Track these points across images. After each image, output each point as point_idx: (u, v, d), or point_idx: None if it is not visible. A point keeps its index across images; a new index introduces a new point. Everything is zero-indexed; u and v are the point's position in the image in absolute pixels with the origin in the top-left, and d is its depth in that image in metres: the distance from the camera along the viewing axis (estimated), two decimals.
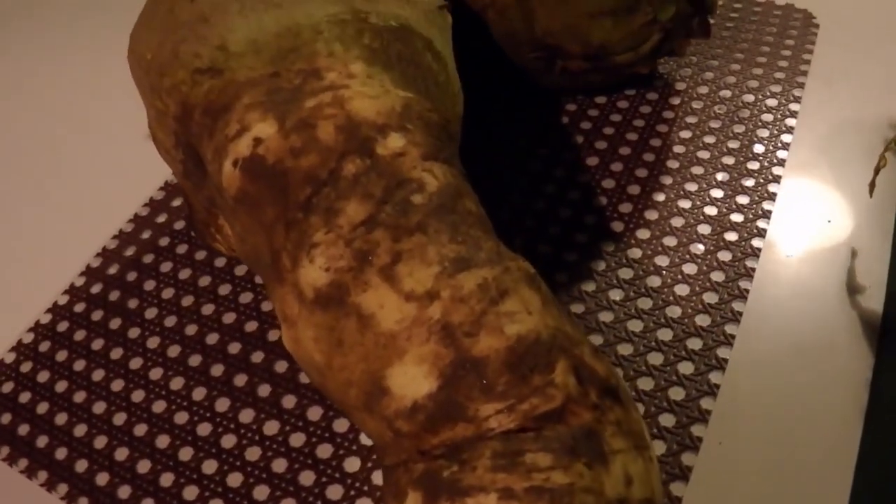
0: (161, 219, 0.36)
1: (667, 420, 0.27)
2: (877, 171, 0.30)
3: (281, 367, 0.30)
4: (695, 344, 0.29)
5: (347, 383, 0.21)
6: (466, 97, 0.32)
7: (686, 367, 0.28)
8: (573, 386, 0.20)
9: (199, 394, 0.30)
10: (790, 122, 0.36)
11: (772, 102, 0.36)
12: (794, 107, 0.36)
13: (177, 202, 0.37)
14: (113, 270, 0.34)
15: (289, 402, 0.29)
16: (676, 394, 0.28)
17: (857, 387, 0.28)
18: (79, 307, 0.33)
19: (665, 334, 0.29)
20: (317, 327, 0.22)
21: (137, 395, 0.30)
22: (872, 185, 0.30)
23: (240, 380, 0.30)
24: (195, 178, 0.28)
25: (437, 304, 0.21)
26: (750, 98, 0.37)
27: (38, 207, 0.38)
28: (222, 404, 0.29)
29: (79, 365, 0.31)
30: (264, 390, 0.30)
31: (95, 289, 0.34)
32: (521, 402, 0.20)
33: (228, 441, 0.28)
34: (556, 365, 0.20)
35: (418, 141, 0.23)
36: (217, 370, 0.30)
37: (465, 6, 0.33)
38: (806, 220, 0.32)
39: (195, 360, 0.31)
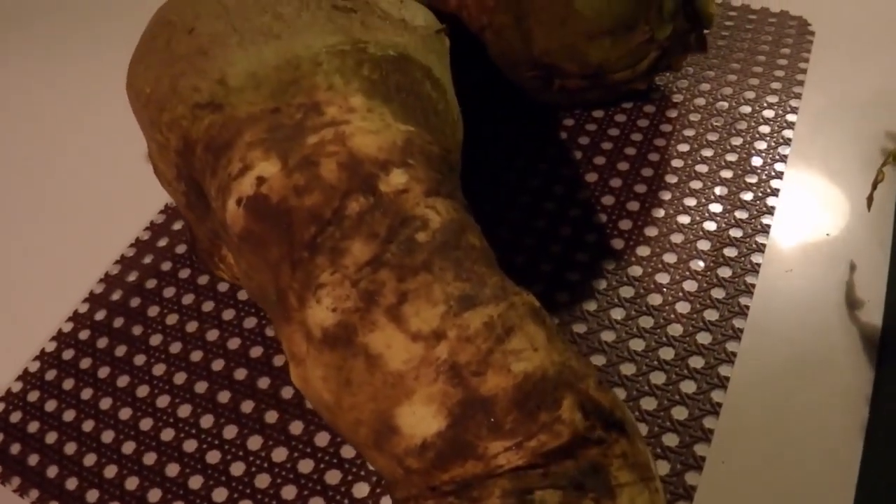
0: (162, 243, 0.36)
1: (670, 440, 0.28)
2: (875, 186, 0.31)
3: (287, 392, 0.30)
4: (697, 362, 0.29)
5: (357, 422, 0.22)
6: (464, 115, 0.32)
7: (688, 386, 0.29)
8: (579, 421, 0.21)
9: (206, 421, 0.30)
10: (787, 133, 0.36)
11: (769, 114, 0.37)
12: (791, 118, 0.36)
13: (177, 225, 0.37)
14: (116, 297, 0.35)
15: (296, 427, 0.29)
16: (679, 413, 0.28)
17: (857, 402, 0.28)
18: (83, 334, 0.33)
19: (667, 353, 0.30)
20: (325, 367, 0.22)
21: (146, 424, 0.30)
22: (870, 199, 0.31)
23: (247, 406, 0.30)
24: (198, 210, 0.28)
25: (444, 344, 0.21)
26: (747, 109, 0.37)
27: (37, 233, 0.38)
28: (230, 431, 0.30)
29: (86, 393, 0.32)
30: (271, 416, 0.30)
31: (99, 315, 0.34)
32: (529, 440, 0.20)
33: (237, 469, 0.29)
34: (562, 401, 0.21)
35: (420, 176, 0.23)
36: (224, 397, 0.31)
37: (463, 26, 0.33)
38: (804, 234, 0.32)
39: (201, 387, 0.31)
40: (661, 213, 0.33)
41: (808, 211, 0.33)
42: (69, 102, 0.46)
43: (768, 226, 0.33)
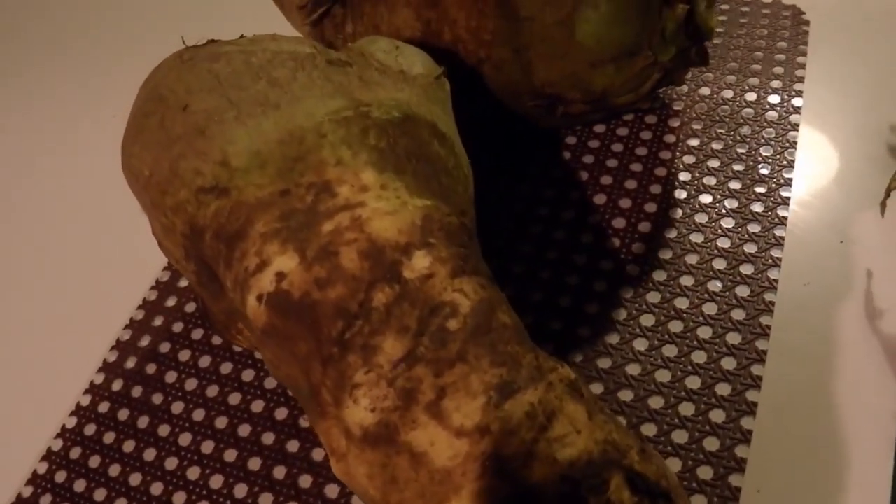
0: (171, 302, 0.36)
1: (704, 472, 0.28)
2: (888, 193, 0.30)
3: (318, 454, 0.30)
4: (723, 390, 0.29)
5: None
6: (467, 145, 0.31)
7: (717, 415, 0.29)
8: (628, 499, 0.21)
9: (240, 490, 0.30)
10: (792, 135, 0.35)
11: (772, 115, 0.36)
12: (794, 118, 0.36)
13: (184, 283, 0.36)
14: (131, 364, 0.34)
15: (332, 491, 0.29)
16: (711, 444, 0.28)
17: (884, 419, 0.28)
18: (103, 407, 0.33)
19: (693, 382, 0.30)
20: (369, 464, 0.22)
21: (179, 498, 0.30)
22: (884, 206, 0.30)
23: (279, 472, 0.30)
24: (211, 289, 0.28)
25: (488, 439, 0.21)
26: (750, 112, 0.36)
27: (38, 303, 0.38)
28: (265, 500, 0.30)
29: (114, 470, 0.31)
30: (305, 481, 0.30)
31: (116, 385, 0.34)
32: None
33: None
34: (609, 482, 0.21)
35: (443, 256, 0.23)
36: (255, 464, 0.30)
37: (460, 59, 0.32)
38: (818, 244, 0.32)
39: (231, 455, 0.31)
40: (673, 233, 0.33)
41: (820, 219, 0.33)
42: (61, 156, 0.45)
43: (782, 238, 0.32)
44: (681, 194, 0.34)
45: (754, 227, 0.33)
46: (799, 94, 0.37)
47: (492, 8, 0.30)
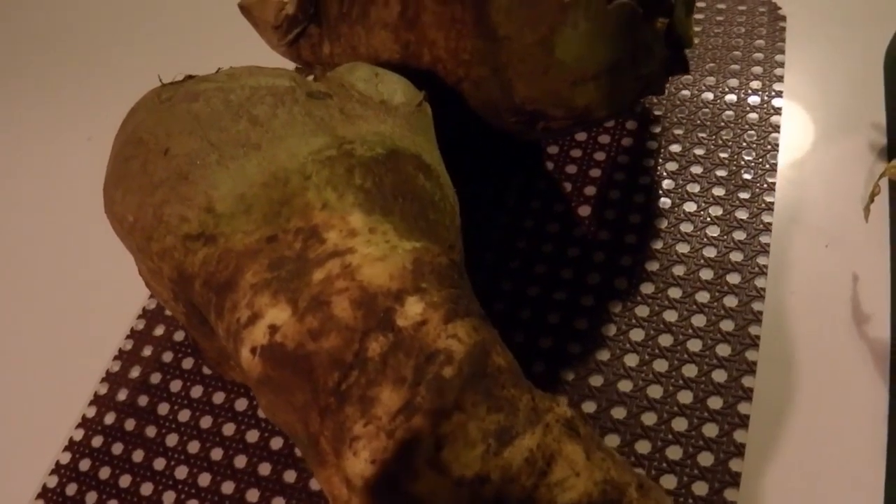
0: (159, 331, 0.35)
1: (700, 489, 0.28)
2: (871, 199, 0.31)
3: (315, 485, 0.30)
4: (715, 403, 0.30)
5: None
6: (449, 161, 0.31)
7: (711, 430, 0.29)
8: None
9: None
10: (774, 137, 0.35)
11: (752, 117, 0.36)
12: (775, 119, 0.36)
13: None
14: (122, 396, 0.34)
15: None
16: (705, 459, 0.29)
17: (875, 423, 0.29)
18: (96, 441, 0.33)
19: (685, 397, 0.30)
20: None
21: None
22: (867, 211, 0.31)
23: (277, 503, 0.30)
24: (202, 330, 0.27)
25: (489, 487, 0.21)
26: (730, 115, 0.36)
27: (23, 333, 0.37)
28: None
29: None
30: None
31: (109, 419, 0.33)
32: None
33: None
34: None
35: (436, 301, 0.23)
36: (253, 496, 0.30)
37: (440, 78, 0.32)
38: (803, 249, 0.33)
39: (228, 488, 0.31)
40: (659, 244, 0.33)
41: (804, 223, 0.33)
42: (36, 178, 0.44)
43: (767, 245, 0.33)
44: (665, 203, 0.34)
45: (739, 235, 0.33)
46: (779, 94, 0.37)
47: (470, 28, 0.30)
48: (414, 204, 0.26)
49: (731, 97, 0.37)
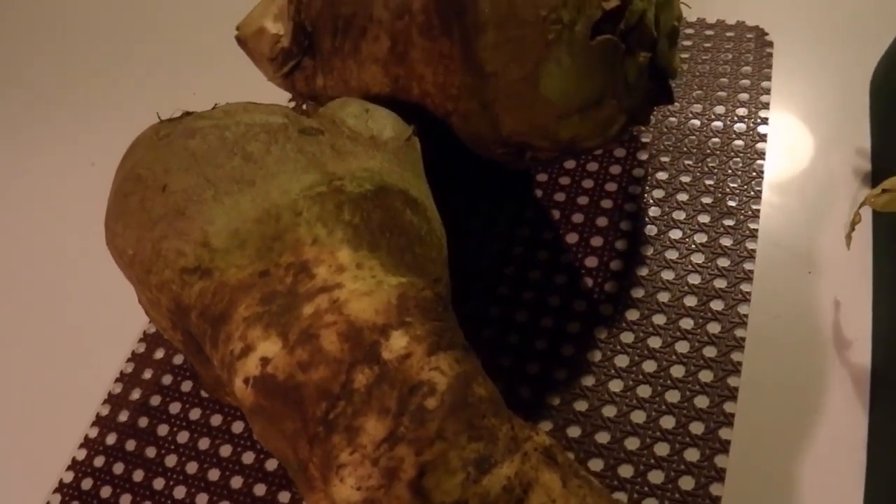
0: (159, 354, 0.36)
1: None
2: (853, 227, 0.31)
3: None
4: (697, 428, 0.30)
5: None
6: (438, 190, 0.32)
7: (692, 454, 0.30)
8: None
9: None
10: (759, 164, 0.36)
11: (738, 144, 0.37)
12: (760, 146, 0.37)
13: None
14: (123, 418, 0.35)
15: None
16: (686, 483, 0.30)
17: (854, 448, 0.30)
18: (98, 461, 0.34)
19: (668, 422, 0.31)
20: None
21: None
22: (849, 238, 0.31)
23: None
24: (199, 358, 0.29)
25: None
26: (717, 142, 0.37)
27: (28, 356, 0.38)
28: None
29: None
30: None
31: (111, 439, 0.34)
32: None
33: None
34: None
35: (419, 334, 0.24)
36: None
37: (428, 112, 0.33)
38: (786, 276, 0.33)
39: None
40: (644, 270, 0.34)
41: (787, 249, 0.34)
42: (39, 201, 0.45)
43: (751, 272, 0.33)
44: (651, 230, 0.35)
45: (724, 262, 0.34)
46: (765, 121, 0.38)
47: (457, 64, 0.31)
48: (401, 238, 0.27)
49: (718, 124, 0.38)
